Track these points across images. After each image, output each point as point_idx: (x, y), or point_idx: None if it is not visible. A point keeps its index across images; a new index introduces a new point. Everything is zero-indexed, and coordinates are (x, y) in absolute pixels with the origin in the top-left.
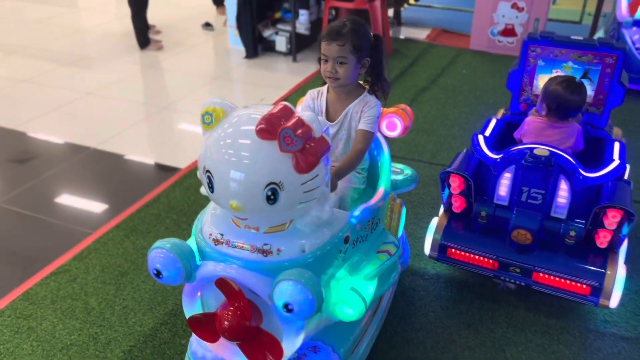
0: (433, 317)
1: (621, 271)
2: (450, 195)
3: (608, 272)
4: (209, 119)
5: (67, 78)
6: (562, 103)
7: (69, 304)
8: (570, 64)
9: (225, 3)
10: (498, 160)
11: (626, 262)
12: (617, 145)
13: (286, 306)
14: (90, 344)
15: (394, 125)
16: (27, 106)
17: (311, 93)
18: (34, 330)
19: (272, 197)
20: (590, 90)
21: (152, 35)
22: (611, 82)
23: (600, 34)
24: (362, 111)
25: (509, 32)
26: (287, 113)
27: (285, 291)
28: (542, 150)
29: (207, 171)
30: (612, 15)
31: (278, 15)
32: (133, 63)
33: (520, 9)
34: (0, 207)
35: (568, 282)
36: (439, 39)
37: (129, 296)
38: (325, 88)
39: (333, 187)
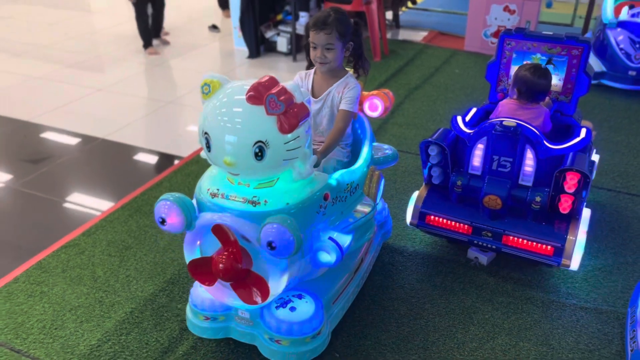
0: (409, 289)
1: (581, 235)
2: (430, 166)
3: (569, 235)
4: (207, 89)
5: (78, 76)
6: (530, 86)
7: (78, 272)
8: (538, 55)
9: (231, 5)
10: (472, 133)
11: (590, 239)
12: (583, 130)
13: (270, 244)
14: (96, 306)
15: (375, 106)
16: (40, 101)
17: (300, 74)
18: (45, 294)
19: (260, 153)
20: (557, 80)
21: (162, 36)
22: (578, 73)
23: (589, 35)
24: (343, 92)
25: None
26: (273, 82)
27: (269, 231)
28: (510, 122)
29: (205, 133)
30: (599, 17)
31: (280, 17)
32: (141, 62)
33: (512, 12)
34: (17, 190)
35: (534, 244)
36: (435, 41)
37: (132, 267)
38: (312, 70)
39: (317, 163)
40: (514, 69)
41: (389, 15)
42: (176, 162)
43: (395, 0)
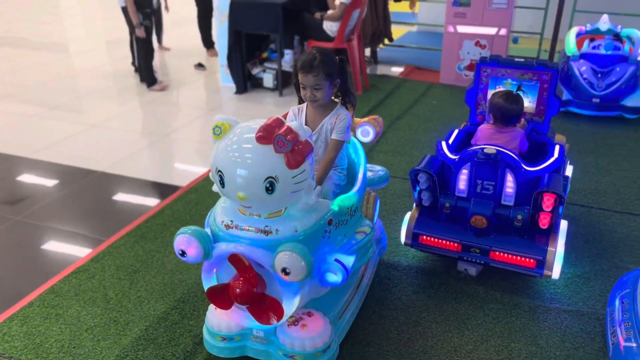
0: (406, 300)
1: (560, 248)
2: (419, 191)
3: (550, 248)
4: (219, 131)
5: (70, 114)
6: (504, 112)
7: (90, 295)
8: (509, 80)
9: (217, 44)
10: (457, 159)
11: (568, 250)
12: (557, 147)
13: (284, 270)
14: (111, 325)
15: (367, 132)
16: (35, 138)
17: (293, 110)
18: (61, 316)
19: (270, 188)
20: (530, 102)
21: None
22: (548, 95)
23: None
24: (335, 123)
25: (473, 67)
26: (279, 123)
27: (283, 259)
28: (490, 149)
29: (219, 171)
30: (563, 51)
31: (265, 55)
32: (132, 100)
33: (482, 47)
34: (23, 222)
35: (518, 257)
36: (411, 75)
37: (142, 288)
38: (304, 105)
39: None
40: (490, 93)
41: (367, 52)
42: (175, 190)
43: (373, 37)
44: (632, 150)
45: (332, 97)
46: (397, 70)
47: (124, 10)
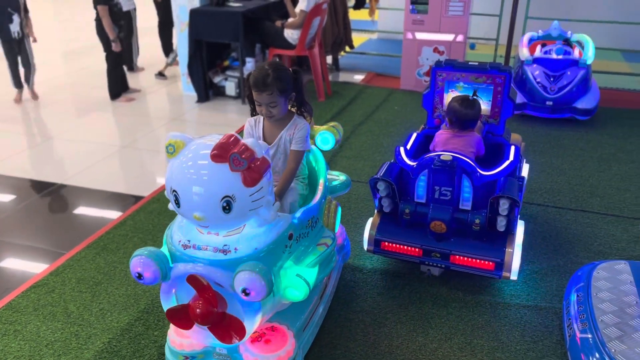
0: (371, 302)
1: (517, 249)
2: (380, 198)
3: (507, 250)
4: (172, 149)
5: (28, 126)
6: (459, 117)
7: (50, 310)
8: (461, 84)
9: (178, 53)
10: (415, 166)
11: (527, 248)
12: (512, 148)
13: (244, 291)
14: (73, 339)
15: (327, 140)
16: None
17: (249, 121)
18: (20, 332)
19: (227, 207)
20: (485, 105)
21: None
22: (502, 98)
23: None
24: (294, 133)
25: None
26: (235, 141)
27: (243, 279)
28: (446, 156)
29: (174, 190)
30: (517, 56)
31: (226, 63)
32: (92, 111)
33: (440, 53)
34: None
35: (478, 260)
36: (373, 81)
37: (105, 300)
38: (261, 117)
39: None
40: (446, 96)
41: (329, 59)
42: (138, 201)
43: (334, 45)
44: (584, 150)
45: (289, 108)
46: (358, 77)
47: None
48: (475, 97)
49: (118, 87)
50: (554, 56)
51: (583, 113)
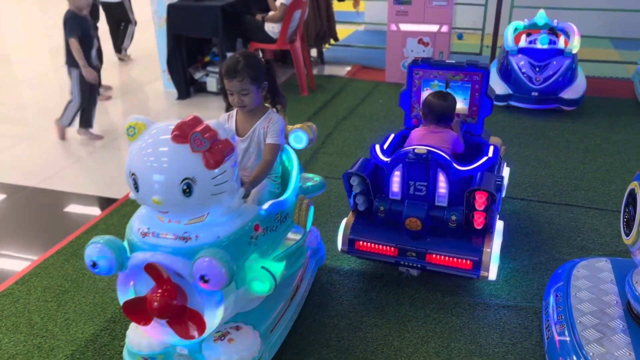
0: (347, 305)
1: (496, 248)
2: (354, 195)
3: (485, 249)
4: (132, 132)
5: (1, 127)
6: (431, 108)
7: (13, 321)
8: (436, 82)
9: (157, 48)
10: (389, 161)
11: (508, 245)
12: (491, 148)
13: (202, 277)
14: (35, 352)
15: (300, 138)
16: None
17: (223, 116)
18: None
19: (188, 190)
20: (463, 104)
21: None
22: (480, 96)
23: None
24: (268, 127)
25: None
26: (197, 121)
27: (201, 265)
28: (421, 149)
29: (133, 174)
30: (502, 46)
31: (207, 58)
32: None
33: (425, 44)
34: None
35: (455, 259)
36: (358, 74)
37: (70, 310)
38: (234, 111)
39: (246, 195)
40: (423, 95)
41: (314, 52)
42: (111, 204)
43: (317, 38)
44: (570, 141)
45: (263, 102)
46: (344, 70)
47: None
48: (448, 88)
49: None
50: (539, 46)
51: (569, 103)
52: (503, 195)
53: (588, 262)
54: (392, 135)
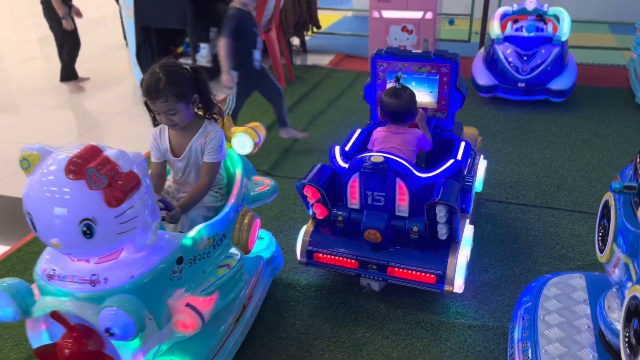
0: (299, 326)
1: (463, 259)
2: (310, 204)
3: (450, 260)
4: (26, 164)
5: None
6: (385, 107)
7: None
8: (400, 74)
9: (127, 38)
10: (346, 168)
11: (481, 254)
12: (462, 145)
13: (107, 330)
14: None
15: (244, 144)
16: None
17: (154, 133)
18: None
19: (88, 231)
20: (431, 97)
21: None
22: (449, 89)
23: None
24: (205, 143)
25: None
26: (93, 153)
27: (106, 317)
28: (377, 157)
29: (28, 212)
30: (488, 34)
31: (181, 49)
32: (37, 105)
33: (409, 32)
34: None
35: (417, 273)
36: (341, 64)
37: None
38: (165, 127)
39: (176, 219)
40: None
41: (297, 41)
42: None
43: (297, 26)
44: (557, 135)
45: (196, 112)
46: (327, 59)
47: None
48: (398, 84)
49: (73, 68)
50: (525, 34)
51: (558, 94)
52: (478, 190)
53: (560, 279)
54: (358, 132)
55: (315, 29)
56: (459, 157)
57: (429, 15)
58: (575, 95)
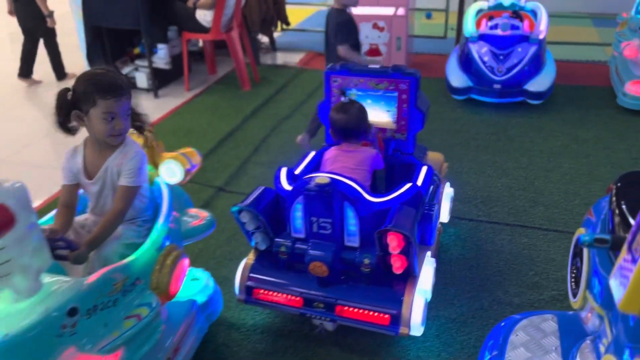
0: None
1: (421, 297)
2: (250, 232)
3: (406, 298)
4: None
5: None
6: (333, 124)
7: None
8: (354, 91)
9: (79, 41)
10: (290, 191)
11: (448, 284)
12: (424, 169)
13: None
14: None
15: (172, 171)
16: None
17: (66, 154)
18: None
19: None
20: (389, 116)
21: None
22: (409, 108)
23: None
24: (122, 164)
25: (374, 52)
26: None
27: None
28: (322, 178)
29: None
30: (462, 32)
31: (137, 51)
32: None
33: (381, 29)
34: None
35: (369, 312)
36: (311, 63)
37: None
38: (81, 145)
39: (81, 260)
40: None
41: (266, 39)
42: None
43: (264, 23)
44: (534, 142)
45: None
46: (296, 57)
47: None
48: (345, 97)
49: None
50: (499, 32)
51: (535, 96)
52: (445, 220)
53: (529, 322)
54: (312, 154)
55: (284, 26)
56: (420, 182)
57: (401, 11)
58: (554, 96)
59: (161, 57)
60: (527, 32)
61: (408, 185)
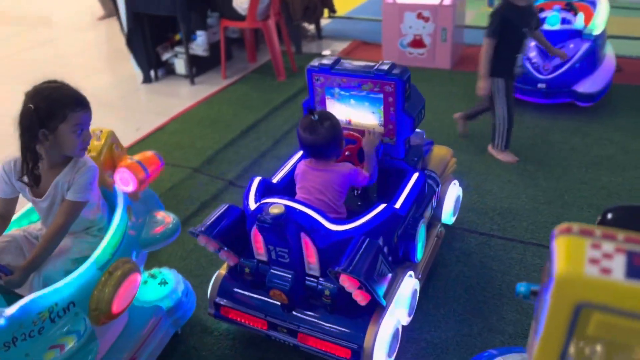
0: None
1: (387, 329)
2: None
3: (369, 331)
4: None
5: None
6: (301, 142)
7: None
8: (337, 90)
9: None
10: (249, 215)
11: (439, 304)
12: (415, 176)
13: None
14: None
15: (125, 180)
16: None
17: (4, 166)
18: None
19: None
20: (376, 119)
21: None
22: (396, 111)
23: None
24: (74, 179)
25: (417, 43)
26: None
27: None
28: (277, 208)
29: None
30: None
31: (178, 37)
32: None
33: (426, 19)
34: None
35: (330, 344)
36: (354, 53)
37: None
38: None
39: (16, 285)
40: (328, 104)
41: (311, 27)
42: None
43: (307, 11)
44: (575, 149)
45: None
46: (341, 47)
47: None
48: (314, 115)
49: None
50: (547, 27)
51: (585, 98)
52: (449, 223)
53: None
54: (298, 155)
55: (330, 13)
56: (399, 203)
57: (447, 1)
58: (609, 97)
59: (199, 43)
60: (580, 26)
61: (382, 206)
